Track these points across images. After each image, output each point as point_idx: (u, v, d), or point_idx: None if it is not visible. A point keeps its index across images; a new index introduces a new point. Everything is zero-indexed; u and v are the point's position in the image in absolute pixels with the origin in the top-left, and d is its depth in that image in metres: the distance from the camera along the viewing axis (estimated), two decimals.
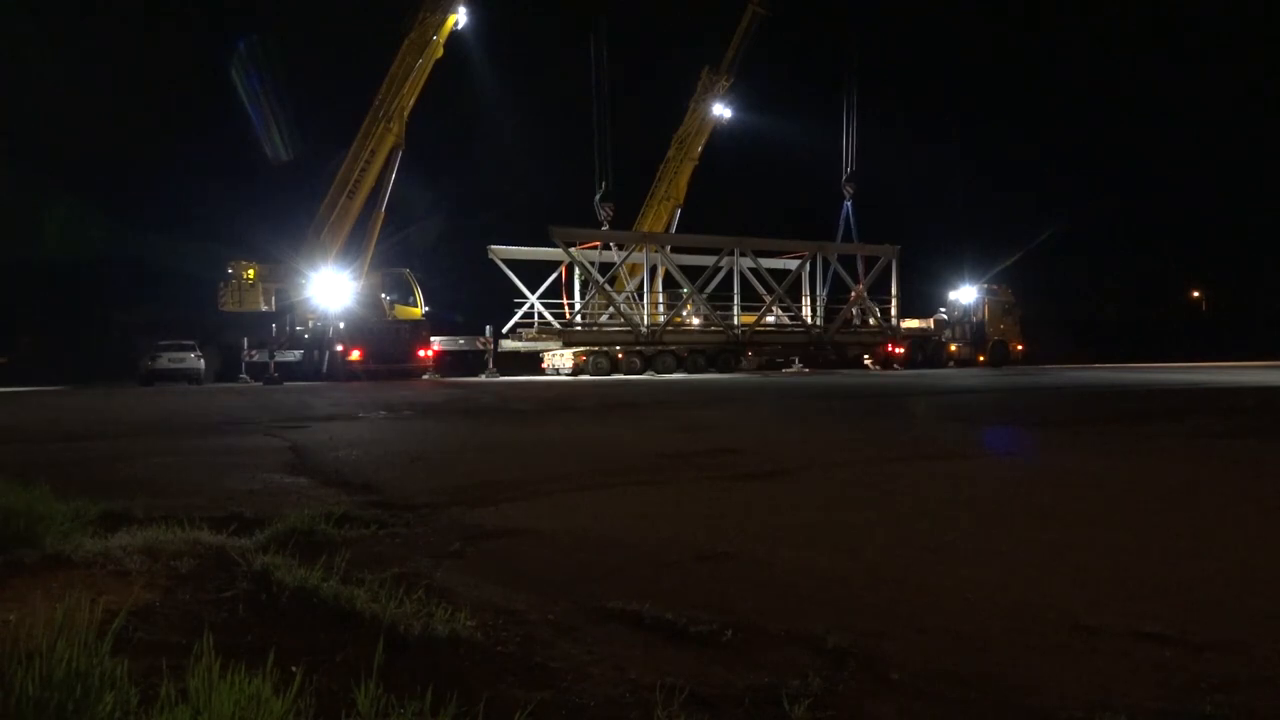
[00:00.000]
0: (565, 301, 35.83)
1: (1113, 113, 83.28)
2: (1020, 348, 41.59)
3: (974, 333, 41.24)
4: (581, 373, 33.40)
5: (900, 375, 31.28)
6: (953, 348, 41.12)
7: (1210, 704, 2.27)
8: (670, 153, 44.38)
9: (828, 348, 38.39)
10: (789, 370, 36.85)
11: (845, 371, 35.87)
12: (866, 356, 39.92)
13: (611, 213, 38.42)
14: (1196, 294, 64.49)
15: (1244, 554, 3.91)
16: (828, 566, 3.75)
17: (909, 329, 40.59)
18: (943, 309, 42.60)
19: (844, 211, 44.58)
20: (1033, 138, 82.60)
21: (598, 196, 38.16)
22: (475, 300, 38.12)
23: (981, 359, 40.30)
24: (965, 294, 42.08)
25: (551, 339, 34.18)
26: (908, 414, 13.50)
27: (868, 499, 5.43)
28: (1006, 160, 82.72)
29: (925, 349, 40.42)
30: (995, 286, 42.26)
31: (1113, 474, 6.47)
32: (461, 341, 36.15)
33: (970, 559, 3.84)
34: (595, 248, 36.36)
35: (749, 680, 2.45)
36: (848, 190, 44.61)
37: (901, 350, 39.52)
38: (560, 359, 34.98)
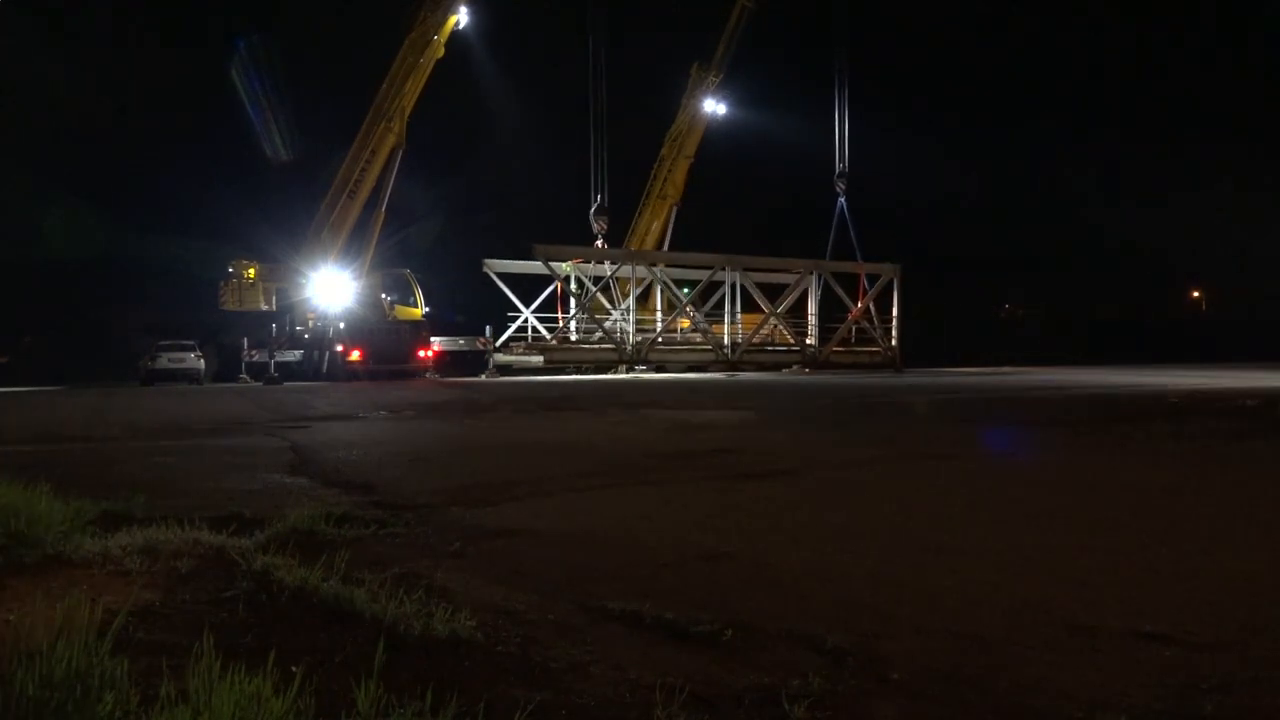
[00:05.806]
0: (560, 317, 35.91)
1: (1113, 113, 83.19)
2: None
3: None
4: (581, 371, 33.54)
5: (899, 376, 31.26)
6: None
7: (1210, 704, 2.28)
8: (664, 151, 44.29)
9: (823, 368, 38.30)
10: (788, 371, 36.85)
11: (845, 372, 35.83)
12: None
13: (606, 226, 38.44)
14: (1196, 294, 64.43)
15: (1243, 554, 3.91)
16: (827, 566, 3.75)
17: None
18: None
19: (838, 209, 44.31)
20: (1034, 137, 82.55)
21: (592, 210, 38.20)
22: (476, 300, 38.10)
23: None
24: None
25: (535, 355, 34.19)
26: (907, 414, 13.49)
27: (867, 499, 5.43)
28: (1007, 159, 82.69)
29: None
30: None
31: (1112, 475, 6.47)
32: (461, 341, 36.15)
33: (970, 559, 3.84)
34: (587, 262, 36.38)
35: (749, 680, 2.45)
36: (840, 186, 44.33)
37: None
38: None
